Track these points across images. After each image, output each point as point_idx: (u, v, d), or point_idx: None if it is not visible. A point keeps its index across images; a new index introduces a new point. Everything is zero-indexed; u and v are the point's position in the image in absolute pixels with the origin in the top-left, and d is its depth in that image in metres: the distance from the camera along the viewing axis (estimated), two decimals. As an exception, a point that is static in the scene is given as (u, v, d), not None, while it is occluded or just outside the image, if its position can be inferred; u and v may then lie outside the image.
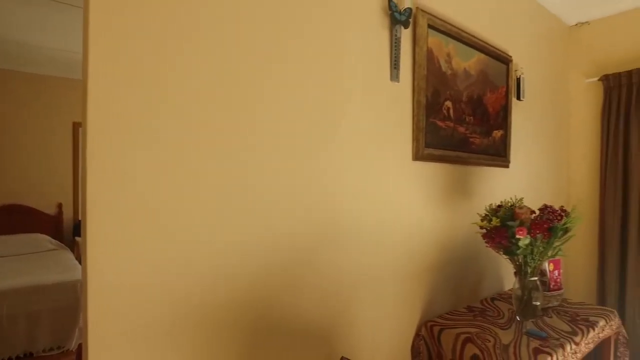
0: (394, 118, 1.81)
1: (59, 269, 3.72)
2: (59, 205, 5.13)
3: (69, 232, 5.22)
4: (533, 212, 1.91)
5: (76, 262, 4.08)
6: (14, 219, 4.73)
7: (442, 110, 1.98)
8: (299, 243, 1.48)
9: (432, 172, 2.01)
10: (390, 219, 1.82)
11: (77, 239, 5.06)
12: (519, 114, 2.66)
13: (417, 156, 1.87)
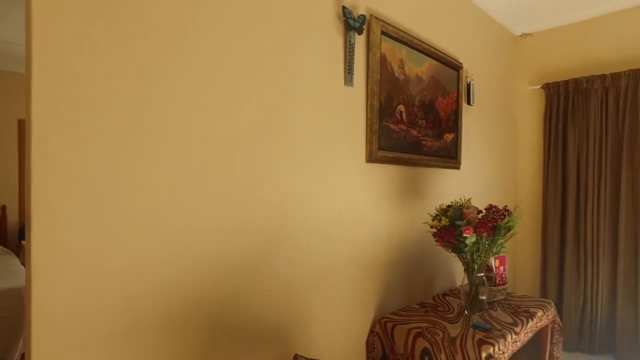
0: (348, 121, 1.86)
1: (3, 274, 3.52)
2: (3, 208, 4.85)
3: (15, 235, 4.94)
4: (480, 211, 2.02)
5: (22, 267, 3.86)
6: (-47, 222, 4.41)
7: (395, 114, 2.06)
8: (252, 245, 1.50)
9: (386, 174, 2.08)
10: (344, 219, 1.87)
11: (22, 243, 4.79)
12: (469, 118, 2.79)
13: (371, 158, 1.93)
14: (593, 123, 3.07)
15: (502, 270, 2.35)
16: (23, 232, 4.91)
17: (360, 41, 1.90)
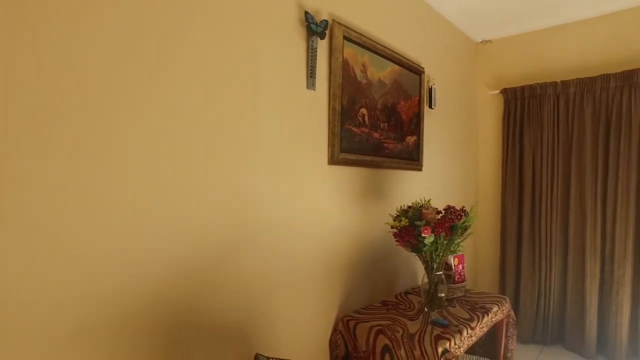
0: (310, 124, 1.90)
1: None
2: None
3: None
4: (440, 212, 2.10)
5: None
6: None
7: (357, 117, 2.11)
8: (214, 246, 1.50)
9: (348, 176, 2.13)
10: (307, 220, 1.91)
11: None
12: (431, 121, 2.89)
13: (333, 160, 1.97)
14: (546, 127, 3.23)
15: (461, 269, 2.44)
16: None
17: (322, 46, 1.94)
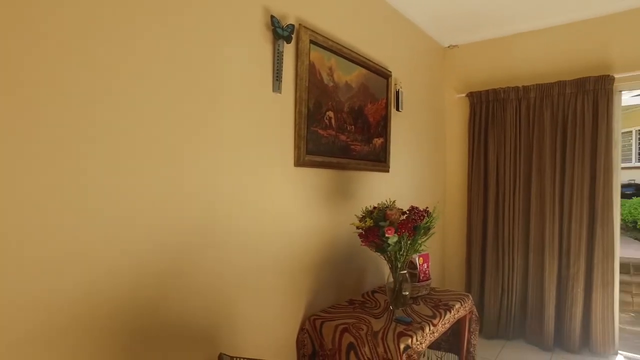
0: (276, 126, 1.92)
1: None
2: None
3: None
4: (405, 212, 2.16)
5: None
6: None
7: (324, 120, 2.14)
8: (181, 247, 1.51)
9: (314, 177, 2.17)
10: (273, 221, 1.93)
11: None
12: (399, 124, 2.96)
13: (299, 162, 2.00)
14: (509, 130, 3.36)
15: (425, 268, 2.52)
16: None
17: (289, 49, 1.96)
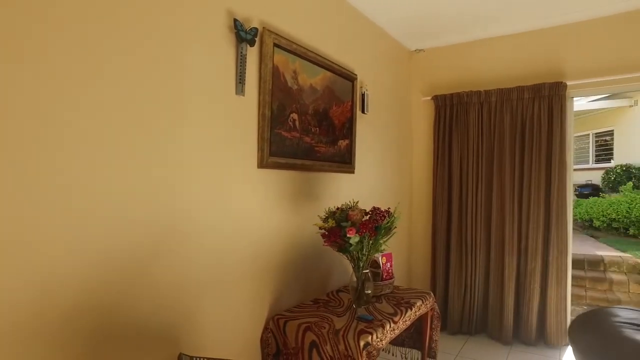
0: (239, 129, 1.94)
1: None
2: None
3: None
4: (368, 213, 2.22)
5: None
6: None
7: (288, 122, 2.18)
8: (140, 245, 1.51)
9: (278, 179, 2.19)
10: (237, 222, 1.95)
11: None
12: (365, 126, 3.02)
13: (262, 164, 2.03)
14: (472, 133, 3.48)
15: (389, 267, 2.59)
16: None
17: (252, 52, 1.98)
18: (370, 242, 2.13)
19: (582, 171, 9.48)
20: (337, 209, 2.20)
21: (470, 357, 3.15)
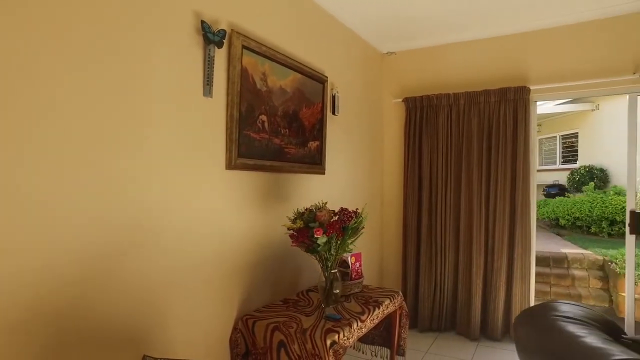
0: (207, 130, 1.94)
1: None
2: None
3: None
4: (336, 214, 2.25)
5: None
6: None
7: (257, 124, 2.19)
8: (103, 249, 1.50)
9: (247, 180, 2.20)
10: (205, 223, 1.95)
11: None
12: (335, 127, 3.05)
13: (230, 165, 2.03)
14: (441, 134, 3.57)
15: (358, 266, 2.63)
16: None
17: (221, 54, 1.99)
18: (338, 242, 2.16)
19: (550, 172, 9.82)
20: (306, 209, 2.22)
21: (440, 353, 3.23)
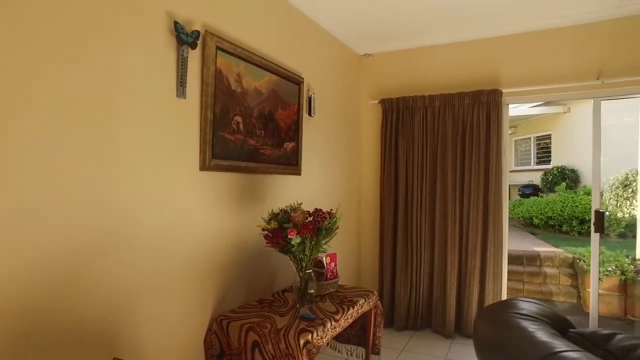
0: (181, 131, 1.94)
1: None
2: None
3: None
4: (311, 214, 2.27)
5: None
6: None
7: (231, 125, 2.19)
8: (72, 251, 1.48)
9: (222, 181, 2.20)
10: (178, 224, 1.95)
11: None
12: (311, 128, 3.07)
13: (205, 167, 2.03)
14: (417, 136, 3.63)
15: (333, 266, 2.65)
16: None
17: (194, 55, 1.98)
18: (312, 242, 2.19)
19: (525, 172, 10.07)
20: (281, 210, 2.24)
21: (415, 351, 3.29)
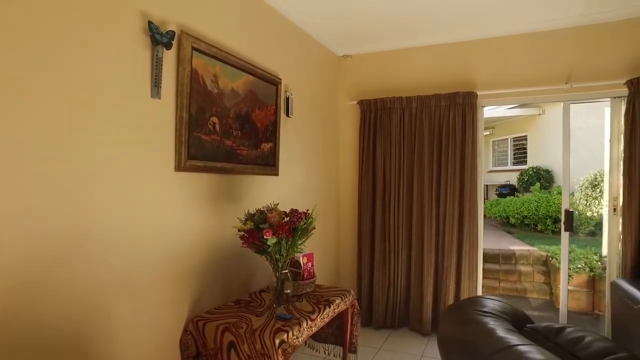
0: (155, 132, 1.93)
1: None
2: None
3: None
4: (287, 215, 2.28)
5: None
6: None
7: (207, 125, 2.19)
8: (47, 252, 1.47)
9: (198, 182, 2.20)
10: (153, 225, 1.93)
11: None
12: (289, 129, 3.09)
13: (180, 167, 2.03)
14: (394, 137, 3.68)
15: (310, 266, 2.67)
16: None
17: (170, 56, 1.97)
18: (288, 243, 2.20)
19: (503, 172, 10.30)
20: (257, 211, 2.25)
21: (392, 349, 3.34)
